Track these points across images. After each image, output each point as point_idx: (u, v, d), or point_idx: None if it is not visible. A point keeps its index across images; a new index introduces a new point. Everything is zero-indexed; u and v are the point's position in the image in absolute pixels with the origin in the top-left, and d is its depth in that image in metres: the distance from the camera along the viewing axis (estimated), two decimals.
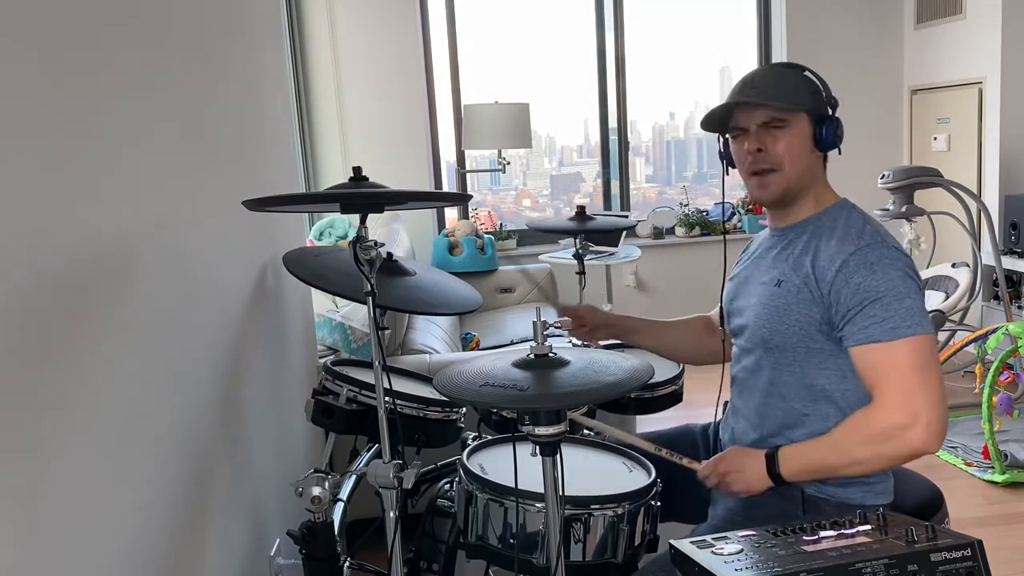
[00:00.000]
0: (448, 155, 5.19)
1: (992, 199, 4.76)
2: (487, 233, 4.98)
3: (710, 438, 1.88)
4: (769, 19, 5.47)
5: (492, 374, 1.30)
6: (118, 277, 1.26)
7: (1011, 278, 4.58)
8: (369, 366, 1.75)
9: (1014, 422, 3.51)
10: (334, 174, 4.64)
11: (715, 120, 1.65)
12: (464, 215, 5.17)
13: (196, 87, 1.69)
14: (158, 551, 1.35)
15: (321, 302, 3.14)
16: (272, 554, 2.03)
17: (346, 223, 4.04)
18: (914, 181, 4.14)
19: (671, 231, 5.46)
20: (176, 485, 1.45)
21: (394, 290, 1.72)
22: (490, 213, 5.44)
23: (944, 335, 4.43)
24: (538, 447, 1.29)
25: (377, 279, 1.52)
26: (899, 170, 4.17)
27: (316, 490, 1.65)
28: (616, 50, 5.39)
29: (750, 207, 5.21)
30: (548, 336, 1.35)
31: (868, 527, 1.26)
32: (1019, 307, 4.58)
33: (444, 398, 1.55)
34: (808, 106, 1.58)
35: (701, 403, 1.84)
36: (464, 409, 1.95)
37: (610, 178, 5.58)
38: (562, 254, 4.46)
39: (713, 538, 1.26)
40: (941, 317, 4.14)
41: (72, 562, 1.07)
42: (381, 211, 1.54)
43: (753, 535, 1.27)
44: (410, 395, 1.86)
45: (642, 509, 1.49)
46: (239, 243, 1.96)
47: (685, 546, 1.25)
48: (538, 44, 5.63)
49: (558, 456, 1.30)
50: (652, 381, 1.68)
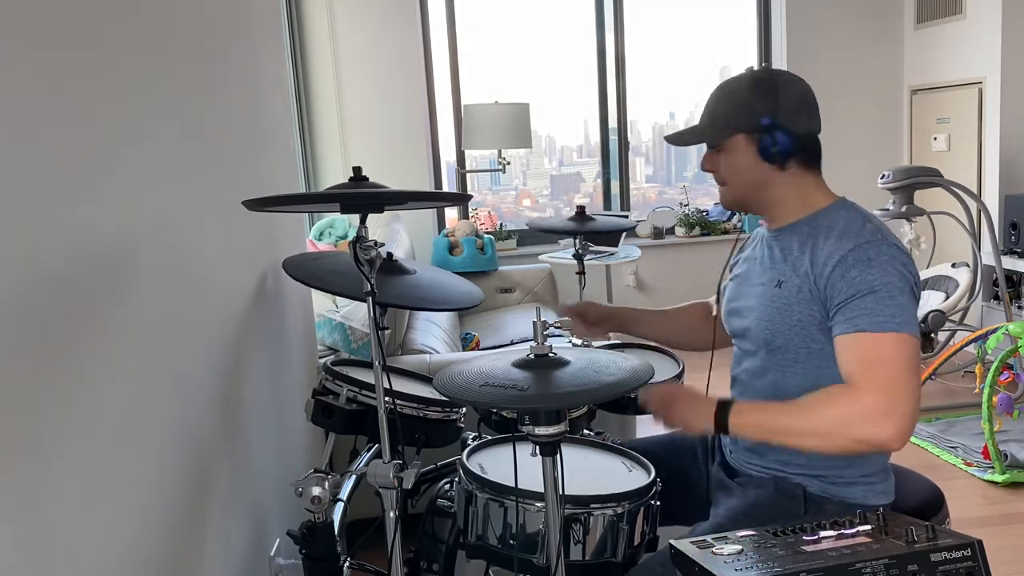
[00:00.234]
0: (448, 155, 5.20)
1: (992, 199, 4.76)
2: (487, 233, 4.98)
3: (709, 437, 1.87)
4: (769, 19, 5.48)
5: (492, 374, 1.30)
6: (118, 277, 1.26)
7: (1011, 278, 4.58)
8: (369, 366, 1.75)
9: (1014, 422, 3.51)
10: (334, 174, 4.64)
11: (678, 139, 1.74)
12: (464, 215, 5.17)
13: (196, 87, 1.69)
14: (158, 551, 1.35)
15: (321, 302, 3.14)
16: (272, 554, 2.03)
17: (346, 223, 4.04)
18: (914, 181, 4.14)
19: (671, 231, 5.46)
20: (176, 485, 1.45)
21: (394, 288, 1.72)
22: (490, 213, 5.44)
23: (944, 335, 4.43)
24: (538, 447, 1.29)
25: (377, 278, 1.52)
26: (899, 170, 4.17)
27: (316, 490, 1.65)
28: (616, 50, 5.39)
29: None
30: (548, 336, 1.36)
31: (868, 527, 1.26)
32: (1019, 307, 4.58)
33: (444, 398, 1.55)
34: (742, 126, 1.58)
35: None
36: (464, 409, 1.95)
37: (610, 178, 5.58)
38: (562, 254, 4.46)
39: (713, 538, 1.27)
40: (941, 317, 4.15)
41: (72, 562, 1.07)
42: (381, 211, 1.54)
43: (753, 535, 1.27)
44: (410, 395, 1.86)
45: (642, 509, 1.49)
46: (239, 243, 1.96)
47: (685, 546, 1.25)
48: (538, 44, 5.63)
49: (558, 456, 1.30)
50: (652, 381, 1.67)
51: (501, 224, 5.37)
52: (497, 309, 4.55)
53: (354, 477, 1.93)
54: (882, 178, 4.20)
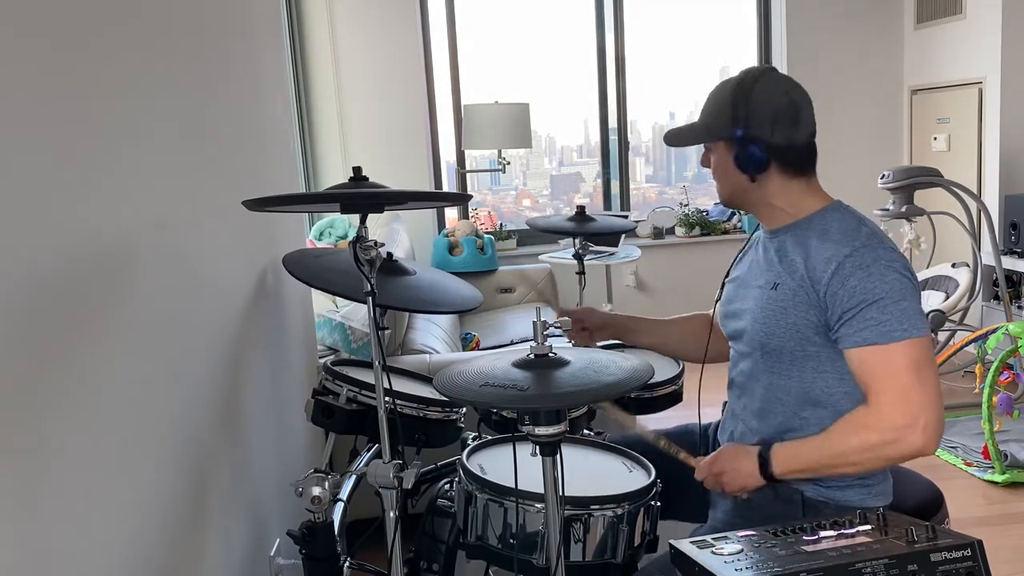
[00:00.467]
0: (448, 155, 5.20)
1: (992, 199, 4.76)
2: (487, 233, 4.98)
3: (709, 438, 1.87)
4: (769, 19, 5.47)
5: (492, 374, 1.30)
6: (118, 277, 1.26)
7: (1011, 278, 4.58)
8: (369, 366, 1.75)
9: (1014, 422, 3.51)
10: (334, 174, 4.64)
11: (674, 138, 1.74)
12: (464, 215, 5.17)
13: (196, 87, 1.69)
14: (158, 551, 1.35)
15: (321, 302, 3.14)
16: (272, 554, 2.03)
17: (346, 223, 4.04)
18: (914, 181, 4.14)
19: (671, 231, 5.46)
20: (176, 485, 1.45)
21: (394, 289, 1.72)
22: (490, 213, 5.44)
23: (944, 335, 4.43)
24: (538, 447, 1.29)
25: (377, 279, 1.52)
26: (899, 170, 4.17)
27: (316, 490, 1.65)
28: (616, 50, 5.38)
29: None
30: (548, 336, 1.36)
31: (868, 527, 1.26)
32: (1019, 307, 4.58)
33: (444, 398, 1.55)
34: (720, 134, 1.60)
35: (701, 403, 1.84)
36: (464, 409, 1.95)
37: (610, 178, 5.57)
38: (562, 254, 4.45)
39: (713, 538, 1.27)
40: (941, 317, 4.14)
41: (72, 562, 1.07)
42: (381, 211, 1.54)
43: (753, 535, 1.27)
44: (410, 395, 1.86)
45: (642, 509, 1.49)
46: (239, 243, 1.96)
47: (685, 546, 1.25)
48: (538, 44, 5.63)
49: (558, 456, 1.30)
50: (652, 381, 1.68)
51: (501, 224, 5.37)
52: (497, 309, 4.55)
53: (354, 477, 1.93)
54: (882, 178, 4.20)
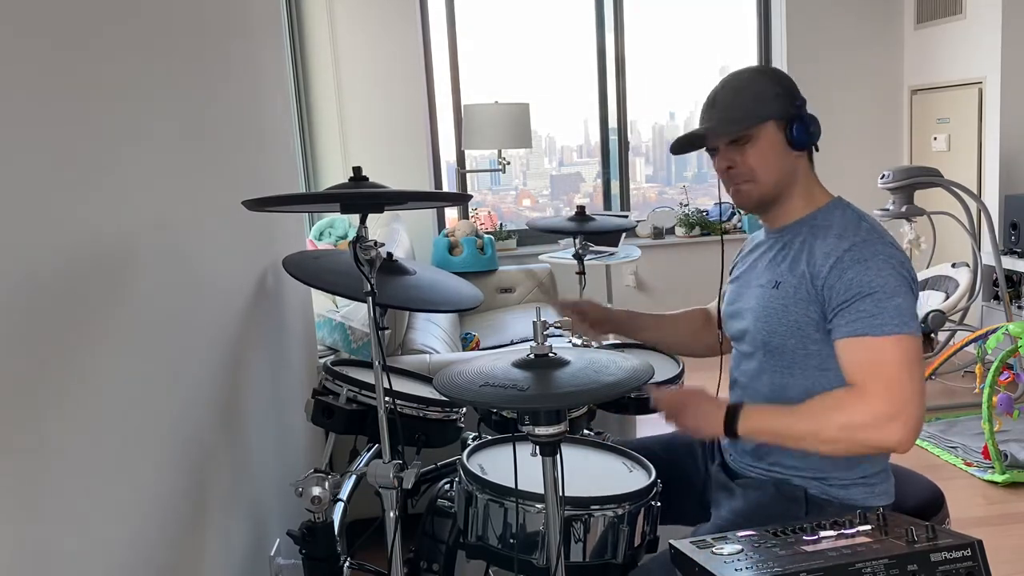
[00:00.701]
0: (448, 155, 5.20)
1: (992, 199, 4.76)
2: (487, 233, 4.98)
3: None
4: (769, 19, 5.47)
5: (492, 374, 1.30)
6: (118, 277, 1.25)
7: (1011, 278, 4.58)
8: (369, 366, 1.75)
9: (1014, 422, 3.51)
10: (334, 174, 4.64)
11: (687, 144, 1.65)
12: (464, 215, 5.17)
13: (196, 87, 1.69)
14: (158, 551, 1.35)
15: (321, 302, 3.14)
16: (272, 554, 2.03)
17: (346, 223, 4.04)
18: (914, 181, 4.14)
19: (671, 231, 5.46)
20: (176, 485, 1.45)
21: (394, 289, 1.72)
22: (490, 213, 5.44)
23: (944, 335, 4.43)
24: (538, 447, 1.29)
25: (377, 279, 1.52)
26: (899, 170, 4.17)
27: (316, 490, 1.65)
28: (616, 50, 5.39)
29: None
30: (548, 336, 1.36)
31: (868, 527, 1.26)
32: (1019, 307, 4.58)
33: (444, 398, 1.55)
34: (772, 113, 1.56)
35: None
36: (464, 409, 1.95)
37: (610, 178, 5.58)
38: (562, 254, 4.45)
39: (713, 538, 1.26)
40: (941, 317, 4.14)
41: (72, 562, 1.07)
42: (381, 211, 1.54)
43: (753, 535, 1.27)
44: (410, 395, 1.86)
45: (642, 510, 1.49)
46: (239, 243, 1.96)
47: (685, 546, 1.25)
48: (538, 44, 5.63)
49: (558, 456, 1.30)
50: (652, 381, 1.68)
51: (501, 224, 5.37)
52: (497, 309, 4.55)
53: (354, 477, 1.93)
54: (882, 178, 4.19)
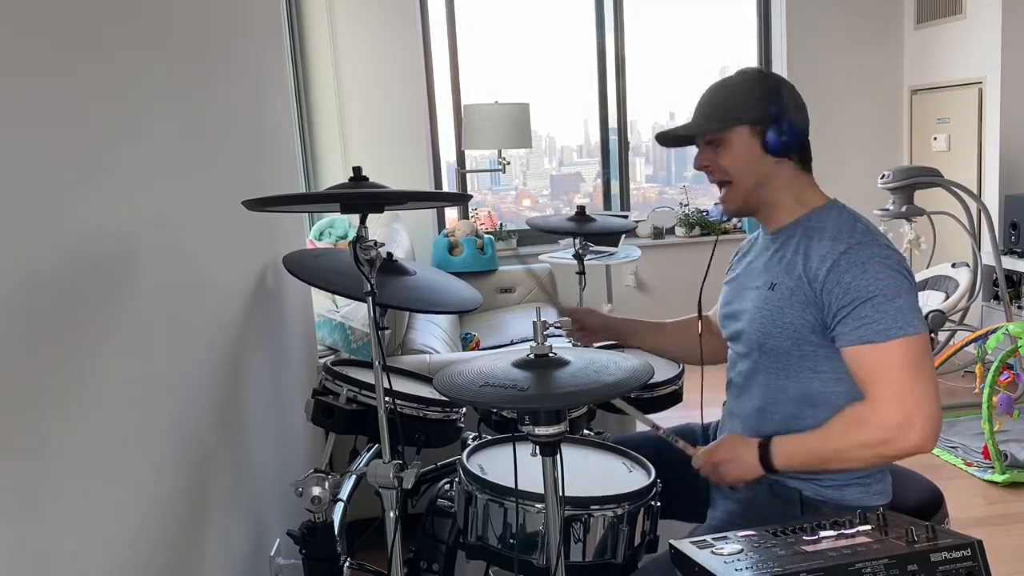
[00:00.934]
0: (448, 155, 5.20)
1: (992, 199, 4.76)
2: (487, 233, 4.98)
3: (710, 438, 1.87)
4: (769, 19, 5.47)
5: (492, 374, 1.30)
6: (118, 277, 1.26)
7: (1011, 278, 4.58)
8: (369, 366, 1.75)
9: (1014, 422, 3.51)
10: (334, 174, 4.64)
11: (671, 138, 1.69)
12: (464, 215, 5.17)
13: (196, 87, 1.69)
14: (158, 551, 1.35)
15: (321, 302, 3.14)
16: (272, 554, 2.03)
17: (346, 223, 4.04)
18: (914, 181, 4.14)
19: (671, 231, 5.46)
20: (176, 485, 1.45)
21: (394, 289, 1.72)
22: (490, 213, 5.44)
23: (944, 335, 4.43)
24: (538, 447, 1.29)
25: (377, 279, 1.52)
26: (899, 170, 4.17)
27: (316, 490, 1.65)
28: (616, 50, 5.38)
29: None
30: (548, 336, 1.36)
31: (868, 527, 1.26)
32: (1019, 307, 4.58)
33: (444, 398, 1.55)
34: (746, 118, 1.56)
35: (701, 403, 1.84)
36: (464, 409, 1.95)
37: (610, 178, 5.57)
38: (562, 254, 4.46)
39: (713, 538, 1.26)
40: (941, 317, 4.14)
41: (72, 562, 1.07)
42: (381, 211, 1.54)
43: (753, 535, 1.27)
44: (410, 395, 1.86)
45: (642, 509, 1.49)
46: (239, 243, 1.96)
47: (685, 546, 1.25)
48: (538, 44, 5.63)
49: (558, 456, 1.30)
50: (652, 381, 1.68)
51: (501, 224, 5.37)
52: (497, 309, 4.55)
53: (354, 477, 1.93)
54: (882, 178, 4.19)
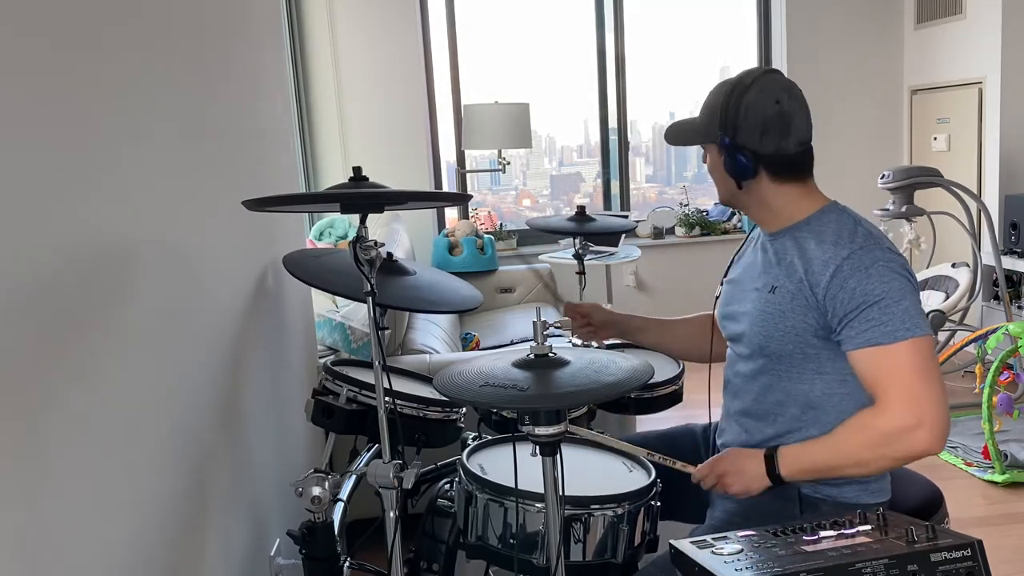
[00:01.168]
0: (448, 155, 5.20)
1: (992, 199, 4.76)
2: (487, 233, 4.98)
3: (711, 438, 1.87)
4: (769, 19, 5.47)
5: (492, 374, 1.30)
6: (118, 277, 1.26)
7: (1011, 278, 4.58)
8: (369, 366, 1.75)
9: (1014, 422, 3.50)
10: (334, 174, 4.64)
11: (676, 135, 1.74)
12: (464, 215, 5.17)
13: (196, 87, 1.69)
14: (158, 551, 1.35)
15: (321, 302, 3.14)
16: (272, 554, 2.03)
17: (346, 223, 4.04)
18: (914, 181, 4.14)
19: (671, 231, 5.46)
20: (176, 485, 1.45)
21: (394, 289, 1.72)
22: (490, 213, 5.44)
23: (944, 335, 4.43)
24: (538, 447, 1.29)
25: (377, 279, 1.52)
26: (899, 170, 4.17)
27: (316, 490, 1.65)
28: (616, 50, 5.38)
29: None
30: (548, 336, 1.36)
31: (868, 527, 1.26)
32: (1019, 307, 4.58)
33: (444, 398, 1.55)
34: (712, 137, 1.59)
35: (701, 403, 1.84)
36: (464, 409, 1.95)
37: (610, 178, 5.57)
38: (562, 254, 4.45)
39: (713, 538, 1.26)
40: (941, 317, 4.14)
41: (72, 562, 1.07)
42: (381, 211, 1.54)
43: (753, 535, 1.26)
44: (410, 395, 1.86)
45: (642, 509, 1.49)
46: (239, 243, 1.96)
47: (685, 546, 1.25)
48: (538, 44, 5.63)
49: (558, 456, 1.30)
50: (652, 381, 1.68)
51: (501, 224, 5.37)
52: (497, 309, 4.55)
53: (354, 477, 1.93)
54: (882, 178, 4.19)
